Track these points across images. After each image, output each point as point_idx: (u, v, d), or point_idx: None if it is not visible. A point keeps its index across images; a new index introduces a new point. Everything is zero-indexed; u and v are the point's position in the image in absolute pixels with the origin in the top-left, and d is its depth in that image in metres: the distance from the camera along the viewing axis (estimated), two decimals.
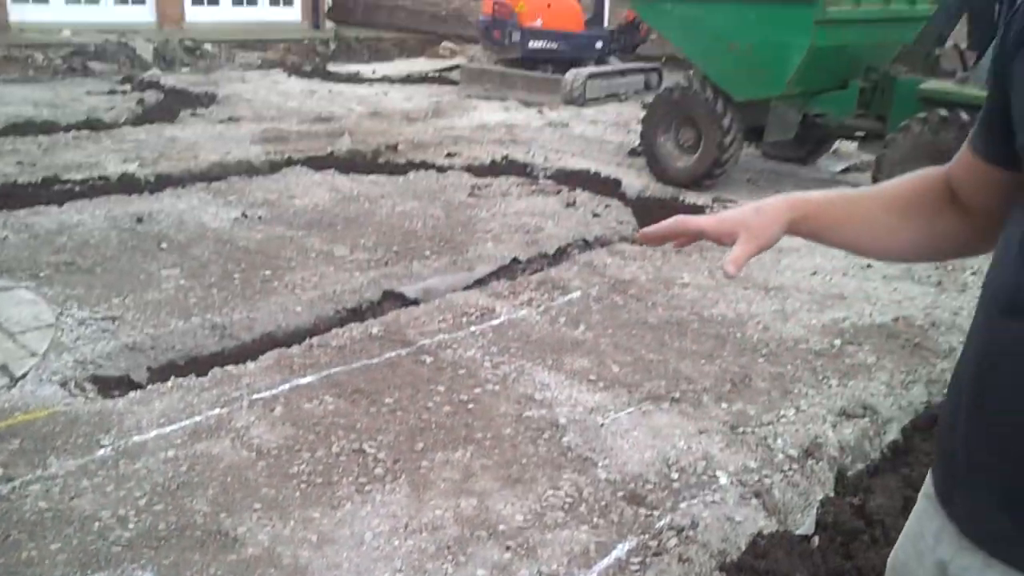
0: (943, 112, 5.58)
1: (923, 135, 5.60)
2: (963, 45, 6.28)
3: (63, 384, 3.36)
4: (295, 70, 12.39)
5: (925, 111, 5.68)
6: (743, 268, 1.16)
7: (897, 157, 5.60)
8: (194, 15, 15.10)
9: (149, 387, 3.35)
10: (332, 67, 13.11)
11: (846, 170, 7.76)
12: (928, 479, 1.12)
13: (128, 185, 6.05)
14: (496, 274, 4.97)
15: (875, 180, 5.90)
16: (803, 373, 3.74)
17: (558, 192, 6.55)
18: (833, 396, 3.54)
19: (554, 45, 10.98)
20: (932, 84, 5.97)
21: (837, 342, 4.07)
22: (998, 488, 0.94)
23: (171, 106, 9.01)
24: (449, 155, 7.60)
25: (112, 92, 9.79)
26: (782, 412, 3.38)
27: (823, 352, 3.96)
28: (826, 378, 3.70)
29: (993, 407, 0.95)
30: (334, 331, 3.88)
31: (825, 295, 4.66)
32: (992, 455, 0.95)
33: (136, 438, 2.96)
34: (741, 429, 3.23)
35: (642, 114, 7.22)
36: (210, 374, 3.43)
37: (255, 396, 3.27)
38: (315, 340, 3.77)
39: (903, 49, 6.41)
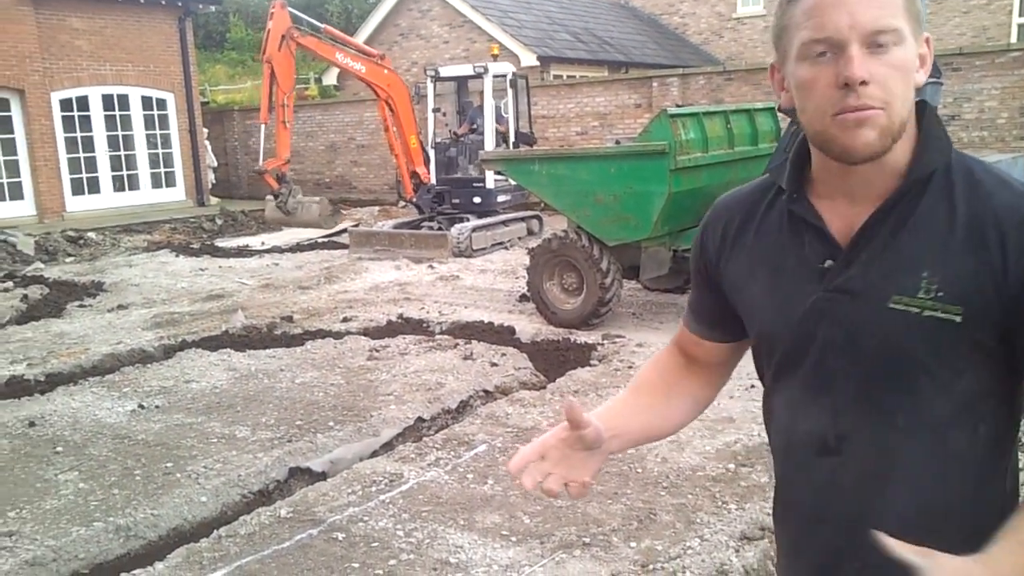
0: None
1: None
2: None
3: None
4: (183, 249, 12.45)
5: None
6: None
7: None
8: (75, 205, 15.11)
9: None
10: (220, 243, 13.25)
11: None
12: None
13: (17, 388, 5.92)
14: (402, 436, 5.05)
15: None
16: (703, 501, 3.92)
17: (455, 346, 6.73)
18: (733, 521, 3.72)
19: None
20: None
21: (732, 465, 4.29)
22: None
23: (57, 300, 8.91)
24: (345, 320, 7.74)
25: None
26: (688, 544, 3.53)
27: (720, 477, 4.16)
28: (725, 503, 3.89)
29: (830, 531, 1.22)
30: (242, 518, 3.86)
31: (715, 420, 4.92)
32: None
33: None
34: (651, 566, 3.36)
35: (527, 260, 7.59)
36: None
37: None
38: (223, 530, 3.74)
39: None
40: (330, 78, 21.27)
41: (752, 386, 5.35)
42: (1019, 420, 1.22)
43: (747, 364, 1.56)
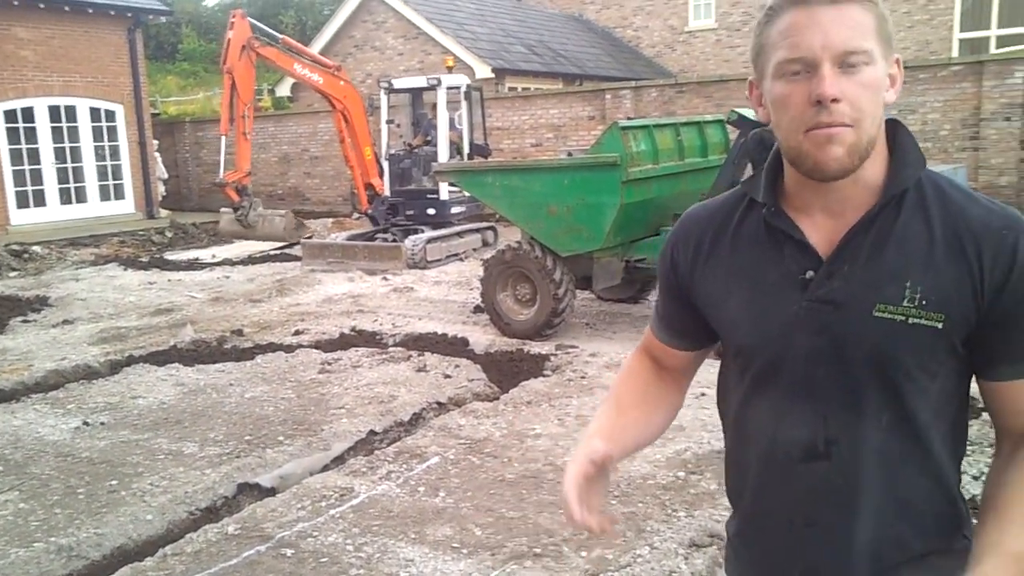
0: None
1: None
2: None
3: None
4: (131, 263, 12.23)
5: None
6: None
7: None
8: (20, 218, 14.76)
9: None
10: (170, 255, 13.05)
11: None
12: None
13: None
14: (353, 449, 5.00)
15: None
16: (653, 509, 3.94)
17: (408, 358, 6.70)
18: (683, 528, 3.75)
19: None
20: None
21: (682, 473, 4.33)
22: None
23: None
24: (296, 333, 7.66)
25: None
26: (638, 552, 3.55)
27: (670, 485, 4.20)
28: (675, 511, 3.92)
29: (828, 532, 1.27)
30: (188, 536, 3.80)
31: None
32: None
33: None
34: None
35: (481, 272, 7.59)
36: None
37: None
38: (168, 549, 3.67)
39: (702, 195, 7.14)
40: (283, 89, 21.12)
41: (703, 394, 5.41)
42: (968, 423, 1.30)
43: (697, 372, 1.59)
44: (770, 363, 1.28)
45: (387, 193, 12.18)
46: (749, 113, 6.95)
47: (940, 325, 1.17)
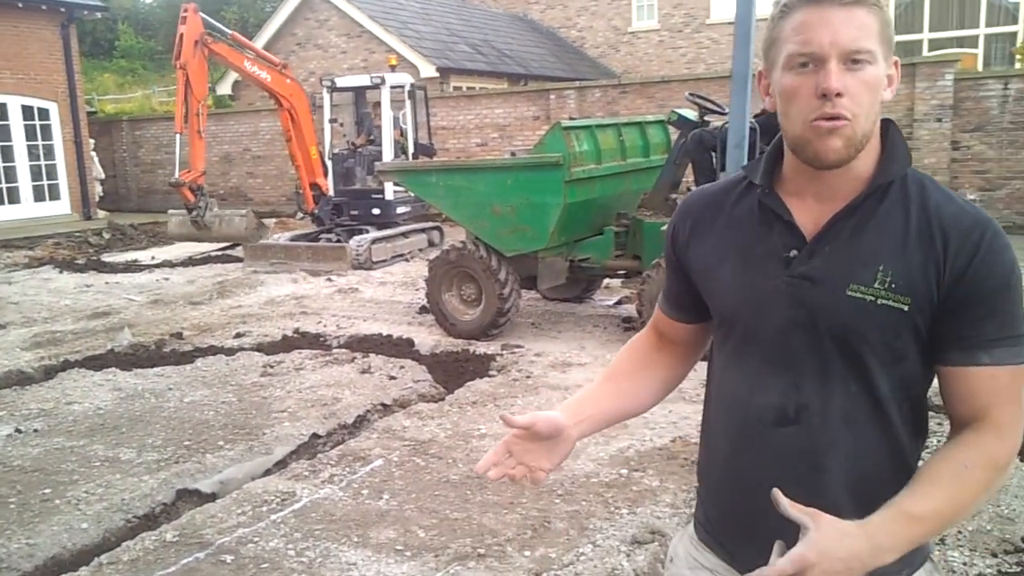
0: None
1: None
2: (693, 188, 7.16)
3: None
4: (67, 265, 11.91)
5: None
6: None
7: (655, 290, 6.20)
8: None
9: None
10: (107, 258, 12.74)
11: (619, 302, 8.42)
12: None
13: None
14: (296, 453, 4.94)
15: (639, 312, 6.48)
16: (596, 507, 3.97)
17: (353, 359, 6.64)
18: (625, 525, 3.78)
19: None
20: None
21: (624, 471, 4.37)
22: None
23: None
24: (238, 335, 7.54)
25: None
26: (580, 550, 3.57)
27: (613, 483, 4.23)
28: (617, 508, 3.95)
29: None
30: (125, 544, 3.71)
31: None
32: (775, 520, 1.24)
33: None
34: (545, 574, 3.38)
35: (427, 272, 7.56)
36: None
37: None
38: (104, 558, 3.58)
39: (645, 195, 7.22)
40: (224, 88, 20.76)
41: None
42: (927, 410, 1.40)
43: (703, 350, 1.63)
44: (750, 331, 1.38)
45: (331, 193, 12.07)
46: (689, 114, 7.05)
47: (906, 308, 1.26)
